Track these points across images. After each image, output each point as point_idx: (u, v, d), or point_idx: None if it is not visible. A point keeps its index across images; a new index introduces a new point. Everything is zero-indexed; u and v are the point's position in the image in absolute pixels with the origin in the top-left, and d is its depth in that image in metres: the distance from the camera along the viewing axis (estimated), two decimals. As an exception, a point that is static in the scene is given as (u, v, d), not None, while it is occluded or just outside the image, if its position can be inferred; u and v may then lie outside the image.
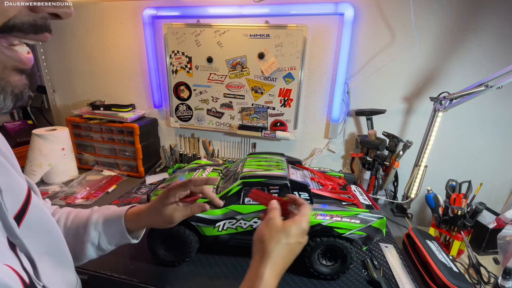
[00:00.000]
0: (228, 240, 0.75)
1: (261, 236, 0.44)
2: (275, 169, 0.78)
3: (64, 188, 1.14)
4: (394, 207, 1.11)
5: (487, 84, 0.78)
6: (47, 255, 0.38)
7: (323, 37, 1.13)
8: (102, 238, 0.53)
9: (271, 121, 1.27)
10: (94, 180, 1.22)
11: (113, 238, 0.54)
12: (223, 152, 1.41)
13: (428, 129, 0.98)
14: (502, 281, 0.69)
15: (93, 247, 0.53)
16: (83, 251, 0.52)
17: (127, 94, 1.44)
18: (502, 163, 1.10)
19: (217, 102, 1.30)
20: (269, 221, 0.45)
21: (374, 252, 0.83)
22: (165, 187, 0.60)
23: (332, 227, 0.68)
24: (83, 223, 0.53)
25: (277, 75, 1.19)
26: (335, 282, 0.72)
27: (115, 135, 1.28)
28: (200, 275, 0.73)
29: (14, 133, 1.36)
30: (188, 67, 1.27)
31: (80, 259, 0.53)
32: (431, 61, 1.05)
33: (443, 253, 0.76)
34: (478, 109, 1.06)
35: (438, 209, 0.88)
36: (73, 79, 1.49)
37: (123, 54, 1.37)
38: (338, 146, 1.27)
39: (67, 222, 0.54)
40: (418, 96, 1.11)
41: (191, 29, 1.20)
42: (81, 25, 1.37)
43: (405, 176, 1.11)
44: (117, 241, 0.55)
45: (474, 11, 0.97)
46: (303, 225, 0.45)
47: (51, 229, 0.41)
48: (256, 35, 1.15)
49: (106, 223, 0.54)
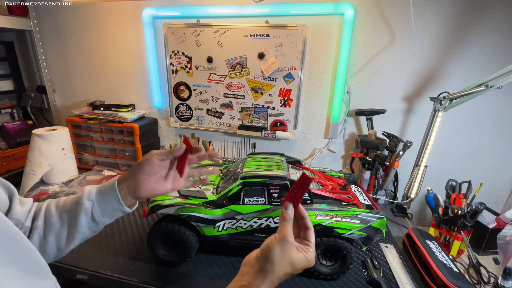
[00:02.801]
0: (228, 240, 0.75)
1: (272, 257, 0.41)
2: (275, 169, 0.78)
3: (64, 188, 1.14)
4: (394, 207, 1.11)
5: (487, 84, 0.78)
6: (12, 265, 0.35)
7: (323, 37, 1.13)
8: (95, 208, 0.51)
9: (271, 121, 1.27)
10: (94, 180, 1.22)
11: (107, 207, 0.52)
12: (223, 152, 1.41)
13: (428, 129, 0.98)
14: (502, 281, 0.69)
15: (87, 217, 0.51)
16: (77, 225, 0.50)
17: (127, 94, 1.44)
18: (502, 163, 1.10)
19: (217, 102, 1.30)
20: (285, 243, 0.42)
21: (374, 252, 0.83)
22: None
23: (332, 227, 0.68)
24: (76, 198, 0.52)
25: (277, 75, 1.19)
26: (335, 282, 0.72)
27: (115, 135, 1.28)
28: (200, 275, 0.73)
29: (14, 133, 1.36)
30: (188, 67, 1.27)
31: (72, 237, 0.51)
32: (431, 61, 1.05)
33: (443, 253, 0.76)
34: (478, 109, 1.06)
35: (438, 209, 0.88)
36: (73, 79, 1.49)
37: (123, 54, 1.37)
38: (338, 146, 1.27)
39: (59, 203, 0.53)
40: (418, 96, 1.11)
41: (191, 29, 1.20)
42: (81, 25, 1.37)
43: (405, 176, 1.11)
44: (111, 211, 0.53)
45: (474, 11, 0.97)
46: (312, 260, 0.43)
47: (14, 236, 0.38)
48: (256, 35, 1.15)
49: (99, 192, 0.53)
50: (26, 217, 0.49)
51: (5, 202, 0.46)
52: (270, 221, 0.72)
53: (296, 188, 0.46)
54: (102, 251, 0.79)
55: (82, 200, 0.51)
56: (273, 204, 0.72)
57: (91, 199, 0.52)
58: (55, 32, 1.42)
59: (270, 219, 0.72)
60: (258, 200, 0.73)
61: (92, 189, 0.53)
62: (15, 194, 0.48)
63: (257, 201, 0.73)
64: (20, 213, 0.48)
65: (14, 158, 1.28)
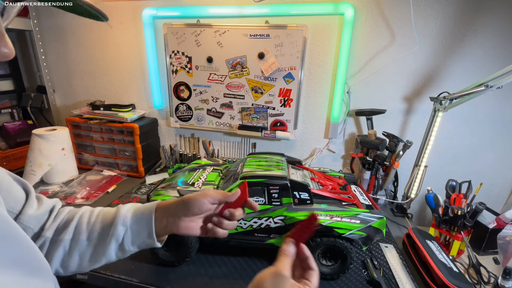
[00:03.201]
0: (228, 240, 0.75)
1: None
2: (275, 169, 0.78)
3: (64, 188, 1.14)
4: (394, 207, 1.11)
5: (487, 84, 0.78)
6: (12, 265, 0.34)
7: (323, 37, 1.13)
8: (127, 235, 0.48)
9: (271, 121, 1.27)
10: (94, 180, 1.22)
11: (138, 237, 0.49)
12: (223, 152, 1.41)
13: (428, 129, 0.98)
14: (502, 281, 0.69)
15: (116, 244, 0.48)
16: (105, 249, 0.47)
17: (127, 94, 1.44)
18: (502, 163, 1.10)
19: (217, 102, 1.30)
20: (279, 278, 0.38)
21: (374, 252, 0.83)
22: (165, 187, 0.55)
23: (332, 227, 0.68)
24: (111, 218, 0.49)
25: (277, 75, 1.19)
26: (335, 282, 0.72)
27: (115, 135, 1.28)
28: (200, 275, 0.73)
29: (14, 133, 1.36)
30: (188, 67, 1.27)
31: (97, 260, 0.48)
32: (431, 61, 1.05)
33: (443, 253, 0.76)
34: (478, 109, 1.06)
35: (438, 209, 0.88)
36: (73, 79, 1.49)
37: (123, 54, 1.37)
38: (338, 146, 1.27)
39: (91, 218, 0.50)
40: (418, 96, 1.11)
41: (191, 29, 1.20)
42: (81, 25, 1.37)
43: (405, 176, 1.11)
44: (141, 241, 0.49)
45: (474, 11, 0.97)
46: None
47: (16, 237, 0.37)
48: (256, 35, 1.15)
49: (135, 218, 0.49)
50: (45, 223, 0.47)
51: (20, 199, 0.44)
52: (270, 221, 0.72)
53: (303, 227, 0.43)
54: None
55: (116, 224, 0.48)
56: (273, 204, 0.72)
57: (126, 224, 0.48)
58: (55, 32, 1.42)
59: (270, 219, 0.72)
60: (258, 200, 0.73)
61: (128, 213, 0.50)
62: (31, 193, 0.46)
63: (257, 201, 0.73)
64: (31, 218, 0.45)
65: (14, 158, 1.28)
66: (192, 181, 0.84)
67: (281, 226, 0.72)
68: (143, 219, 0.49)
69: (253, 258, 0.79)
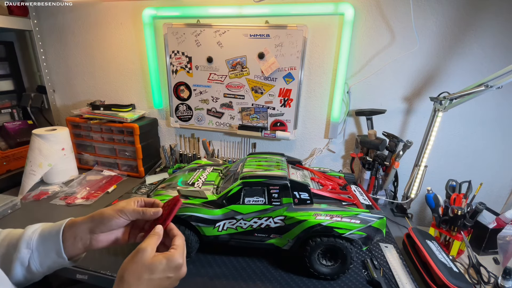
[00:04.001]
0: (228, 240, 0.75)
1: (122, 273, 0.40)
2: (275, 169, 0.78)
3: (64, 188, 1.14)
4: (394, 207, 1.11)
5: (487, 84, 0.78)
6: None
7: (323, 37, 1.13)
8: (33, 257, 0.46)
9: (271, 121, 1.27)
10: (94, 180, 1.22)
11: (47, 257, 0.47)
12: (223, 152, 1.41)
13: (428, 129, 0.98)
14: (502, 281, 0.69)
15: (22, 267, 0.46)
16: (10, 271, 0.46)
17: (127, 94, 1.44)
18: (502, 163, 1.10)
19: (217, 102, 1.30)
20: (137, 254, 0.41)
21: (374, 252, 0.83)
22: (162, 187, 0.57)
23: (332, 227, 0.68)
24: (15, 239, 0.47)
25: (277, 75, 1.19)
26: (335, 282, 0.72)
27: (115, 135, 1.28)
28: (200, 275, 0.73)
29: (14, 133, 1.36)
30: (188, 67, 1.27)
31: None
32: (431, 61, 1.05)
33: (443, 253, 0.76)
34: (478, 109, 1.06)
35: (438, 209, 0.88)
36: (73, 79, 1.49)
37: (123, 54, 1.37)
38: (338, 146, 1.27)
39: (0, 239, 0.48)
40: (418, 96, 1.11)
41: (191, 29, 1.20)
42: (81, 25, 1.37)
43: (405, 176, 1.11)
44: (52, 262, 0.47)
45: (474, 11, 0.97)
46: (175, 259, 0.43)
47: None
48: (256, 35, 1.15)
49: (41, 239, 0.47)
50: None
51: None
52: (270, 221, 0.72)
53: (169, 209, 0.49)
54: (102, 251, 0.79)
55: (20, 247, 0.46)
56: (273, 204, 0.72)
57: (30, 247, 0.46)
58: (55, 32, 1.42)
59: (270, 219, 0.72)
60: (258, 200, 0.73)
61: (34, 234, 0.48)
62: None
63: (257, 201, 0.73)
64: None
65: (14, 158, 1.28)
66: (192, 181, 0.84)
67: (281, 226, 0.72)
68: (49, 239, 0.48)
69: (253, 258, 0.79)
